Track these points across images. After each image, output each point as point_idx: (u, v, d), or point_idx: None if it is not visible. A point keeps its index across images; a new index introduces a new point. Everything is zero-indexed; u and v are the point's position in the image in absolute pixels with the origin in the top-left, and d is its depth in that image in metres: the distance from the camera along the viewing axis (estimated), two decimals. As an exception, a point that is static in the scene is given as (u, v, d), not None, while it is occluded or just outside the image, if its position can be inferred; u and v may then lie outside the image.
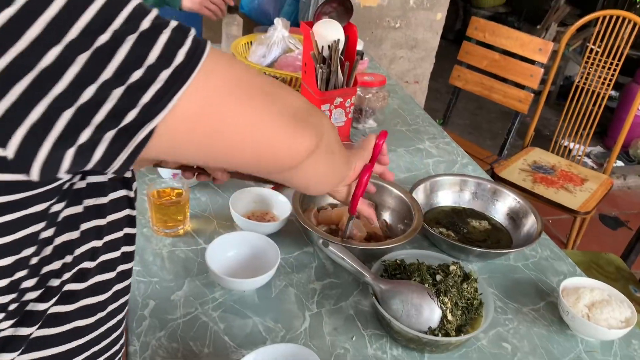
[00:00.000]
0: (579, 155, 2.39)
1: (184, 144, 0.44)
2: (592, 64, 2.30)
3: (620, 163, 3.58)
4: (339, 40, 1.30)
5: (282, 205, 1.10)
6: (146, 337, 0.83)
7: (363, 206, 0.95)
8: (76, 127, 0.38)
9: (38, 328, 0.51)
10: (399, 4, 2.67)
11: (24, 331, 0.49)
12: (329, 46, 1.29)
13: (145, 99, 0.39)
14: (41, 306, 0.49)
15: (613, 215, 3.10)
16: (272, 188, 1.15)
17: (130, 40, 0.38)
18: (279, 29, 1.71)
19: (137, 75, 0.38)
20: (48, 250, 0.47)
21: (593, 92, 2.29)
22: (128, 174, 0.56)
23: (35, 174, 0.38)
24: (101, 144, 0.39)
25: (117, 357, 0.66)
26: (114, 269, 0.57)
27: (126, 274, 0.60)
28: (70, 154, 0.38)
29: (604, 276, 1.65)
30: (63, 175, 0.41)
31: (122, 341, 0.66)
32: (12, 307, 0.47)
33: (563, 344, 0.92)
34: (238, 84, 0.46)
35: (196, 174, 0.92)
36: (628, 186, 3.43)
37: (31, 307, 0.49)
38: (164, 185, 1.07)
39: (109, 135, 0.39)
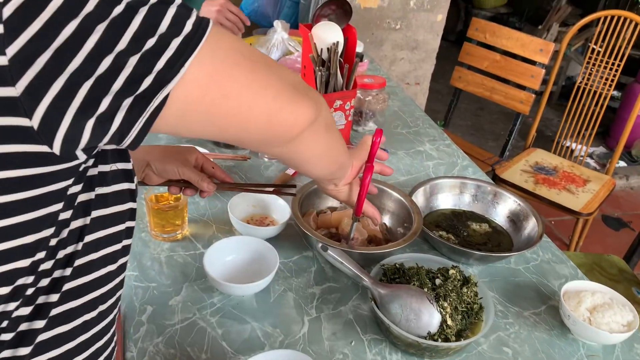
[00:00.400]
0: (581, 156, 2.38)
1: (195, 113, 0.47)
2: (594, 64, 2.29)
3: (622, 163, 3.56)
4: (338, 42, 1.29)
5: (281, 209, 1.10)
6: (143, 343, 0.82)
7: (366, 206, 0.96)
8: (96, 96, 0.40)
9: (50, 327, 0.52)
10: (399, 5, 2.66)
11: (38, 324, 0.50)
12: (328, 49, 1.29)
13: (159, 65, 0.42)
14: (54, 297, 0.51)
15: (616, 216, 3.09)
16: (272, 192, 1.14)
17: (142, 11, 0.40)
18: (279, 31, 1.70)
19: (150, 43, 0.41)
20: (65, 233, 0.49)
21: (595, 92, 2.28)
22: (129, 166, 0.57)
23: (57, 145, 0.41)
24: (119, 113, 0.42)
25: (113, 356, 0.66)
26: (115, 262, 0.58)
27: (123, 267, 0.61)
28: (90, 124, 0.41)
29: (607, 278, 1.64)
30: (80, 153, 0.43)
31: (116, 337, 0.67)
32: (29, 292, 0.48)
33: (564, 348, 0.91)
34: (242, 54, 0.49)
35: (182, 188, 0.92)
36: (631, 187, 3.42)
37: (43, 299, 0.50)
38: (162, 190, 1.06)
39: (127, 102, 0.42)
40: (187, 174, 0.90)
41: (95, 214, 0.52)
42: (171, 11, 0.42)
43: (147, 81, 0.41)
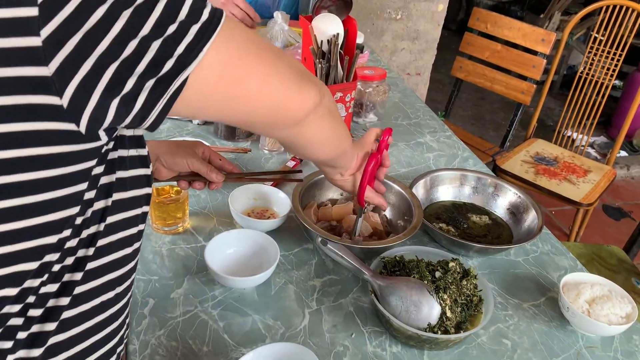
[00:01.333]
0: (582, 146, 2.38)
1: (211, 95, 0.50)
2: (596, 53, 2.28)
3: (623, 153, 3.56)
4: (338, 34, 1.29)
5: (282, 202, 1.10)
6: (145, 336, 0.83)
7: (371, 194, 0.97)
8: (122, 77, 0.43)
9: (74, 304, 0.54)
10: (400, -5, 2.65)
11: (63, 301, 0.52)
12: (328, 40, 1.29)
13: (179, 50, 0.44)
14: (78, 275, 0.53)
15: (616, 206, 3.09)
16: (272, 185, 1.14)
17: (164, 0, 0.43)
18: (279, 23, 1.70)
19: (172, 29, 0.44)
20: (89, 213, 0.51)
21: (597, 81, 2.28)
22: (145, 152, 0.58)
23: (84, 123, 0.43)
24: (142, 93, 0.44)
25: (124, 341, 0.68)
26: (131, 245, 0.60)
27: (137, 252, 0.63)
28: (115, 104, 0.43)
29: (606, 269, 1.65)
30: (103, 133, 0.46)
31: (127, 320, 0.68)
32: (55, 268, 0.50)
33: (563, 339, 0.91)
34: (253, 42, 0.52)
35: (190, 182, 0.94)
36: (632, 176, 3.42)
37: (69, 277, 0.52)
38: (163, 183, 1.06)
39: (149, 84, 0.44)
40: (196, 166, 0.93)
41: (116, 196, 0.54)
42: (189, 0, 0.45)
43: (169, 64, 0.44)
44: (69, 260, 0.51)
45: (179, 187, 0.95)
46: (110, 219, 0.54)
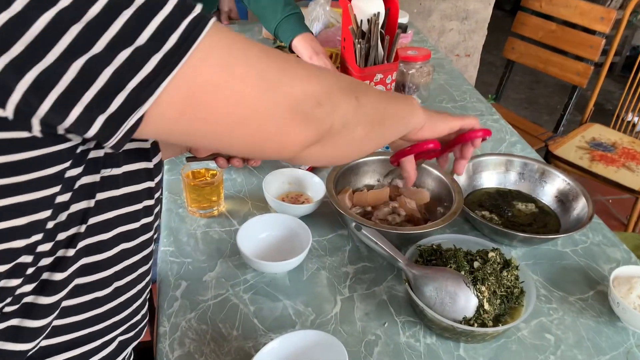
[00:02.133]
0: (644, 131, 2.24)
1: (173, 130, 0.43)
2: (661, 32, 2.12)
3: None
4: (378, 13, 1.24)
5: (316, 187, 1.08)
6: (176, 319, 0.83)
7: (409, 164, 0.83)
8: (66, 103, 0.37)
9: (61, 299, 0.53)
10: (449, -26, 2.56)
11: (44, 300, 0.51)
12: (368, 20, 1.24)
13: (132, 83, 0.38)
14: (58, 276, 0.51)
15: (681, 195, 2.90)
16: (308, 169, 1.12)
17: (125, 15, 0.37)
18: (321, 3, 1.66)
19: (125, 54, 0.37)
20: (64, 216, 0.48)
21: (661, 63, 2.13)
22: (145, 145, 0.55)
23: (36, 130, 0.39)
24: (93, 127, 0.39)
25: (140, 327, 0.67)
26: (133, 239, 0.58)
27: (147, 244, 0.61)
28: (65, 125, 0.39)
29: (666, 262, 1.54)
30: (72, 135, 0.41)
31: (144, 311, 0.67)
32: (29, 271, 0.48)
33: (612, 336, 0.85)
34: (234, 70, 0.43)
35: (229, 160, 0.92)
36: (699, 164, 3.20)
37: (47, 276, 0.50)
38: (199, 166, 1.06)
39: (100, 119, 0.39)
40: None
41: (101, 196, 0.51)
42: (159, 17, 0.39)
43: (120, 98, 0.38)
44: (45, 261, 0.49)
45: (217, 164, 0.94)
46: (96, 219, 0.52)
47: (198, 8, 0.41)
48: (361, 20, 1.25)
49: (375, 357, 0.79)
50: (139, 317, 0.66)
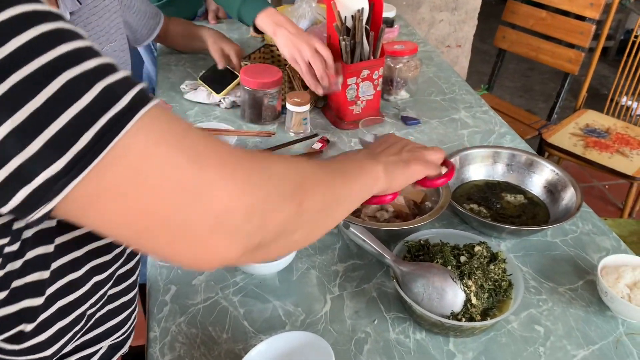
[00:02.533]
0: (638, 115, 2.23)
1: (83, 223, 0.42)
2: (651, 16, 2.12)
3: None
4: (362, 9, 1.24)
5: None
6: (166, 323, 0.84)
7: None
8: None
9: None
10: (438, -36, 2.54)
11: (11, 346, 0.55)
12: (352, 16, 1.24)
13: (39, 180, 0.36)
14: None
15: (678, 178, 2.89)
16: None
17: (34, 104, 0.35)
18: (307, 0, 1.65)
19: (34, 149, 0.35)
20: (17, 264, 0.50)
21: (652, 46, 2.12)
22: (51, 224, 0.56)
23: None
24: (4, 209, 0.38)
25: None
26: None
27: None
28: None
29: (660, 247, 1.55)
30: None
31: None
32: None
33: (602, 326, 0.86)
34: (151, 173, 0.39)
35: None
36: (695, 146, 3.19)
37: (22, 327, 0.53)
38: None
39: (5, 210, 0.38)
40: None
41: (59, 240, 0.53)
42: (73, 110, 0.36)
43: (25, 192, 0.36)
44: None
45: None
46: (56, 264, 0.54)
47: (126, 98, 0.38)
48: (345, 17, 1.24)
49: (365, 355, 0.80)
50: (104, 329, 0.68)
